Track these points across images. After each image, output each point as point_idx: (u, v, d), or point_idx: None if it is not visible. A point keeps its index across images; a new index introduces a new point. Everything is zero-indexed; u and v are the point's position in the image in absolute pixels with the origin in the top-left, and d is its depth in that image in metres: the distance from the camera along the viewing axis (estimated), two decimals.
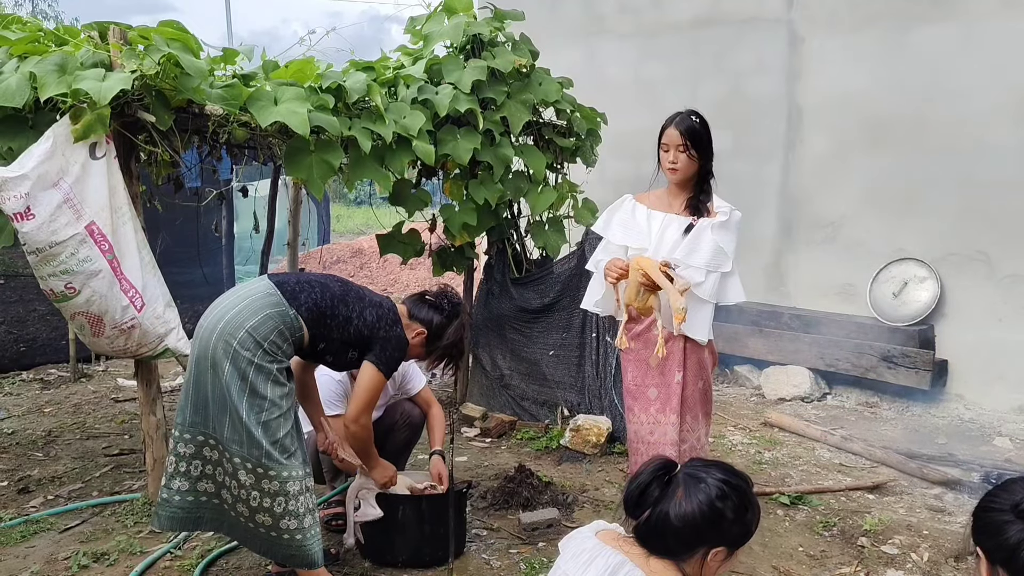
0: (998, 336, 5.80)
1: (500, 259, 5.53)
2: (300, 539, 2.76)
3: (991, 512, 1.55)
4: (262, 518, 2.74)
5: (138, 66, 3.33)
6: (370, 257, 11.90)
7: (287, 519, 2.74)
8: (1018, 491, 1.54)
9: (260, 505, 2.72)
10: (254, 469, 2.70)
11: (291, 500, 2.73)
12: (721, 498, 1.76)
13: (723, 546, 1.78)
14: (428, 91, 4.51)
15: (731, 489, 1.78)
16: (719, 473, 1.82)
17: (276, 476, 2.71)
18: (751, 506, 1.82)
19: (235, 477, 2.73)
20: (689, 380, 3.26)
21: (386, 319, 2.95)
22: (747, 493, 1.82)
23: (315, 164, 3.90)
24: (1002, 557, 1.51)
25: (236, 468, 2.71)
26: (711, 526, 1.75)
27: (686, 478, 1.81)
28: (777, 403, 6.23)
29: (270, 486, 2.71)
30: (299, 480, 2.76)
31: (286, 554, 2.81)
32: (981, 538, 1.56)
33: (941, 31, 6.00)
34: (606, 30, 8.04)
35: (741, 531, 1.80)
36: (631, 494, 1.84)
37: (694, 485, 1.78)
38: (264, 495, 2.71)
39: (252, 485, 2.71)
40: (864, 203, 6.47)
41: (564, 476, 4.45)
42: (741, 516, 1.78)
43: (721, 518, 1.75)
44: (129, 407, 5.59)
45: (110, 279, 3.39)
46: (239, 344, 2.66)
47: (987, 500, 1.60)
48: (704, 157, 3.18)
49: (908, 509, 4.13)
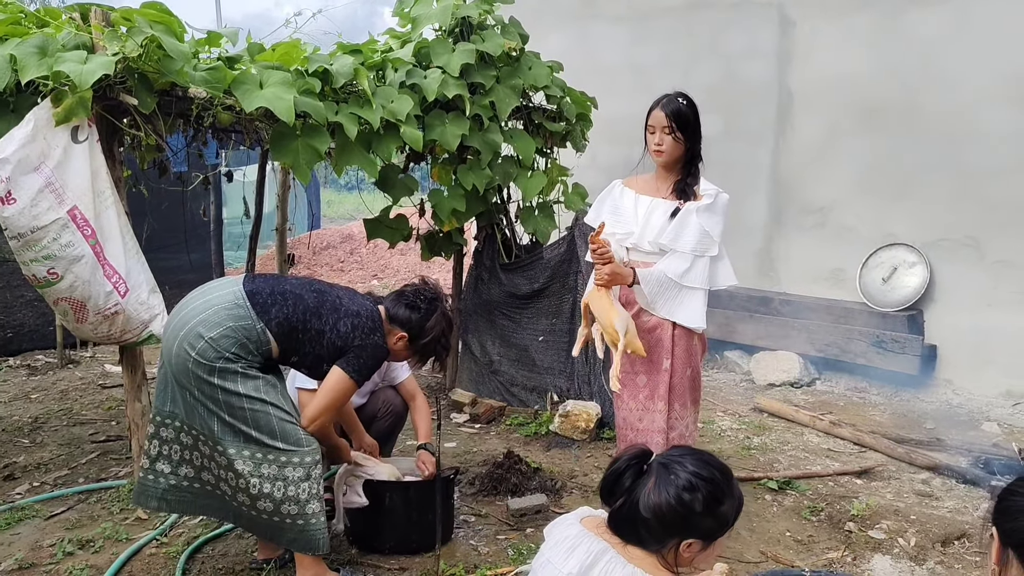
0: (987, 321, 5.81)
1: (489, 245, 5.50)
2: (302, 524, 2.77)
3: (1016, 496, 1.57)
4: (263, 504, 2.74)
5: (120, 48, 3.28)
6: (360, 242, 11.86)
7: (287, 504, 2.74)
8: None
9: (260, 491, 2.72)
10: (252, 456, 2.71)
11: (291, 486, 2.73)
12: (690, 490, 1.74)
13: (695, 538, 1.76)
14: (416, 75, 4.47)
15: (702, 481, 1.75)
16: (691, 465, 1.79)
17: (275, 461, 2.72)
18: (727, 498, 1.79)
19: (231, 468, 2.73)
20: (678, 367, 3.24)
21: (362, 328, 2.87)
22: (721, 485, 1.78)
23: (301, 149, 3.86)
24: (1016, 541, 1.52)
25: (232, 459, 2.71)
26: (680, 519, 1.74)
27: (659, 468, 1.80)
28: (767, 388, 6.24)
29: (269, 470, 2.72)
30: (302, 467, 2.75)
31: (289, 538, 2.81)
32: (1000, 519, 1.57)
33: (933, 15, 5.97)
34: (597, 13, 7.99)
35: (714, 524, 1.77)
36: (606, 481, 1.84)
37: (665, 476, 1.77)
38: (264, 480, 2.71)
39: (251, 472, 2.71)
40: (854, 188, 6.46)
41: (553, 462, 4.45)
42: (712, 509, 1.75)
43: (690, 511, 1.73)
44: (116, 393, 5.56)
45: (93, 264, 3.35)
46: (198, 354, 2.65)
47: (1014, 484, 1.60)
48: (691, 139, 3.13)
49: (896, 494, 4.14)
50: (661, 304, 3.16)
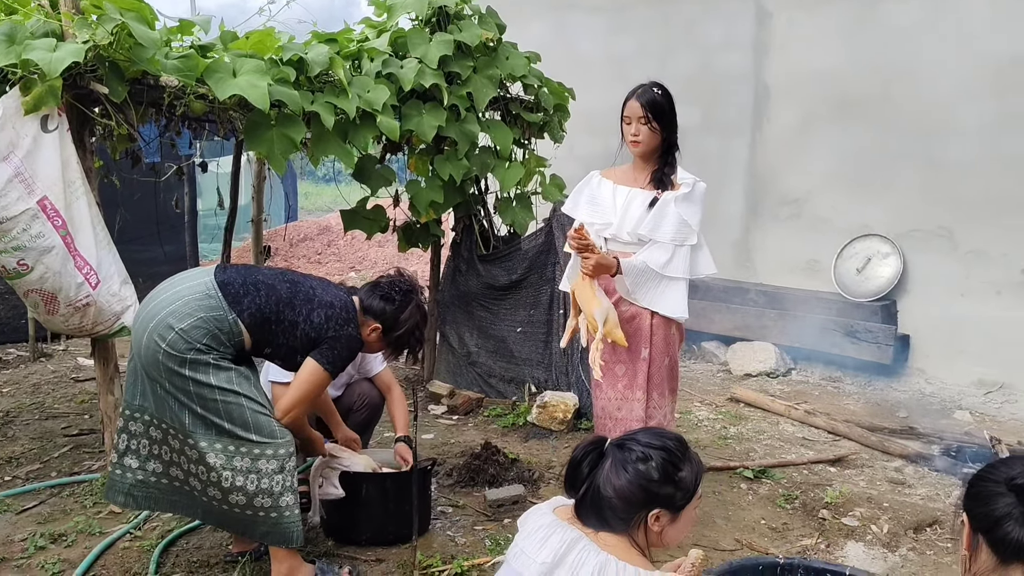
0: (959, 311, 5.89)
1: (467, 236, 5.49)
2: (276, 517, 2.74)
3: (986, 482, 1.58)
4: (235, 498, 2.71)
5: (91, 36, 3.23)
6: (337, 234, 11.79)
7: (261, 497, 2.71)
8: (1016, 467, 1.56)
9: (233, 485, 2.69)
10: (224, 449, 2.68)
11: (264, 478, 2.70)
12: (644, 460, 1.79)
13: (660, 508, 1.79)
14: (393, 65, 4.44)
15: (655, 450, 1.80)
16: (644, 438, 1.85)
17: (248, 453, 2.69)
18: (684, 463, 1.83)
19: (203, 462, 2.70)
20: (656, 357, 3.25)
21: (336, 319, 2.84)
22: (675, 452, 1.83)
23: (276, 139, 3.83)
24: (985, 526, 1.53)
25: (203, 452, 2.68)
26: (640, 490, 1.77)
27: (613, 449, 1.84)
28: (743, 378, 6.29)
29: (241, 463, 2.69)
30: (276, 459, 2.72)
31: (262, 531, 2.78)
32: (970, 504, 1.59)
33: (908, 7, 6.02)
34: (575, 4, 7.97)
35: (676, 491, 1.80)
36: (567, 473, 1.88)
37: (620, 455, 1.82)
38: (237, 473, 2.68)
39: (223, 465, 2.68)
40: (830, 179, 6.51)
41: (531, 453, 4.46)
42: (670, 475, 1.79)
43: (648, 480, 1.78)
44: (89, 387, 5.49)
45: (63, 255, 3.31)
46: (168, 345, 2.62)
47: (985, 470, 1.62)
48: (667, 129, 3.13)
49: (869, 482, 4.19)
50: (643, 294, 3.17)
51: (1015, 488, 1.51)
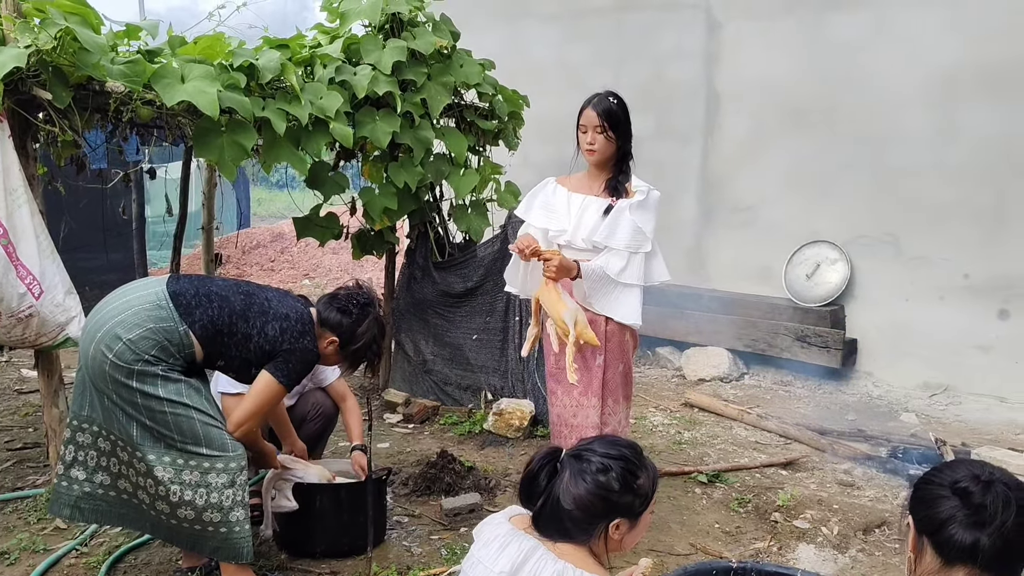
0: (904, 316, 6.03)
1: (422, 243, 5.46)
2: (225, 532, 2.69)
3: (931, 485, 1.61)
4: (184, 512, 2.65)
5: (33, 40, 3.15)
6: (290, 241, 11.65)
7: (210, 512, 2.66)
8: (960, 471, 1.60)
9: (181, 499, 2.64)
10: (173, 463, 2.63)
11: (214, 492, 2.66)
12: (603, 471, 1.79)
13: (620, 517, 1.80)
14: (346, 71, 4.41)
15: (613, 460, 1.81)
16: (600, 448, 1.85)
17: (197, 467, 2.64)
18: (641, 471, 1.84)
19: (151, 475, 2.64)
20: (610, 363, 3.27)
21: (292, 331, 2.79)
22: (631, 460, 1.84)
23: (226, 146, 3.77)
24: (930, 529, 1.56)
25: (151, 466, 2.62)
26: (602, 501, 1.78)
27: (570, 460, 1.84)
28: (697, 384, 6.35)
29: (191, 477, 2.64)
30: (226, 473, 2.68)
31: (212, 547, 2.73)
32: (916, 507, 1.62)
33: (855, 18, 6.15)
34: (529, 12, 8.01)
35: (635, 499, 1.81)
36: (523, 485, 1.87)
37: (578, 466, 1.81)
38: (185, 487, 2.63)
39: (171, 479, 2.63)
40: (781, 187, 6.62)
41: (487, 460, 4.45)
42: (629, 484, 1.80)
43: (609, 491, 1.78)
44: (33, 399, 5.34)
45: (5, 265, 3.22)
46: (116, 356, 2.56)
47: (930, 474, 1.65)
48: (622, 138, 3.17)
49: (819, 484, 4.26)
50: (598, 300, 3.19)
51: (959, 492, 1.55)
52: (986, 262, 5.71)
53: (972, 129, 5.69)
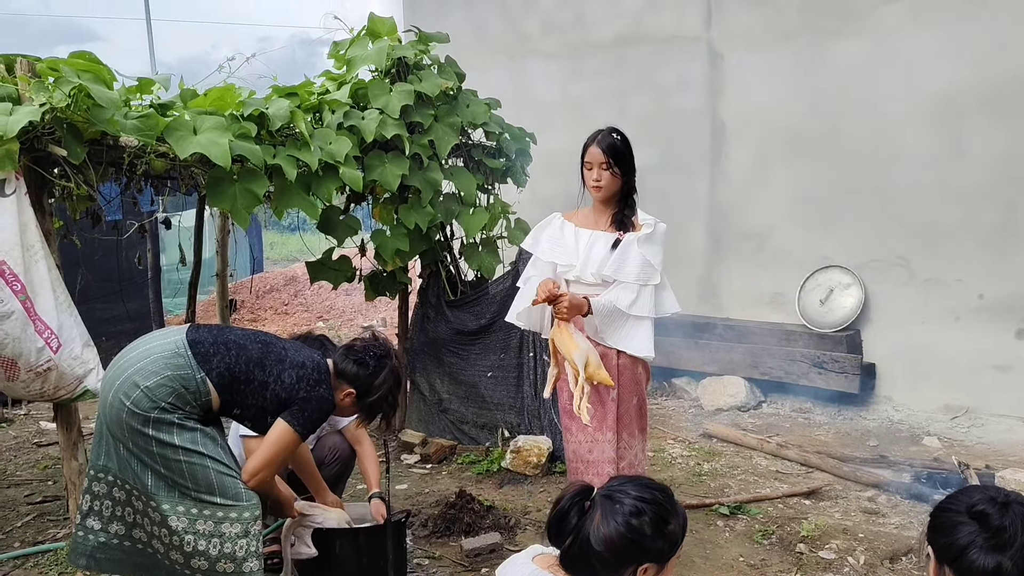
0: (921, 338, 5.99)
1: (434, 282, 5.49)
2: None
3: (948, 512, 1.60)
4: (198, 562, 2.65)
5: (48, 98, 3.21)
6: (304, 284, 11.71)
7: (223, 562, 2.65)
8: (975, 495, 1.59)
9: (195, 549, 2.63)
10: (187, 512, 2.63)
11: (227, 542, 2.65)
12: (637, 515, 1.75)
13: (650, 562, 1.77)
14: (354, 116, 4.47)
15: (647, 504, 1.77)
16: (633, 490, 1.80)
17: (211, 516, 2.64)
18: (672, 516, 1.81)
19: (165, 525, 2.64)
20: (624, 397, 3.26)
21: (308, 379, 2.80)
22: (664, 505, 1.81)
23: (239, 194, 3.82)
24: (951, 556, 1.55)
25: (166, 515, 2.63)
26: (632, 545, 1.74)
27: (602, 500, 1.80)
28: (715, 414, 6.31)
29: (204, 527, 2.64)
30: (240, 523, 2.67)
31: None
32: (934, 536, 1.60)
33: (854, 45, 6.21)
34: (531, 50, 8.11)
35: (665, 544, 1.78)
36: (552, 522, 1.83)
37: (610, 507, 1.77)
38: (199, 537, 2.63)
39: (185, 529, 2.63)
40: (789, 213, 6.63)
41: (506, 499, 4.42)
42: (661, 529, 1.77)
43: (641, 535, 1.74)
44: (52, 451, 5.36)
45: (23, 321, 3.25)
46: (133, 404, 2.58)
47: (946, 501, 1.64)
48: (627, 173, 3.21)
49: (843, 513, 4.20)
50: (610, 334, 3.20)
51: (976, 515, 1.54)
52: (1000, 282, 5.68)
53: (977, 148, 5.71)
